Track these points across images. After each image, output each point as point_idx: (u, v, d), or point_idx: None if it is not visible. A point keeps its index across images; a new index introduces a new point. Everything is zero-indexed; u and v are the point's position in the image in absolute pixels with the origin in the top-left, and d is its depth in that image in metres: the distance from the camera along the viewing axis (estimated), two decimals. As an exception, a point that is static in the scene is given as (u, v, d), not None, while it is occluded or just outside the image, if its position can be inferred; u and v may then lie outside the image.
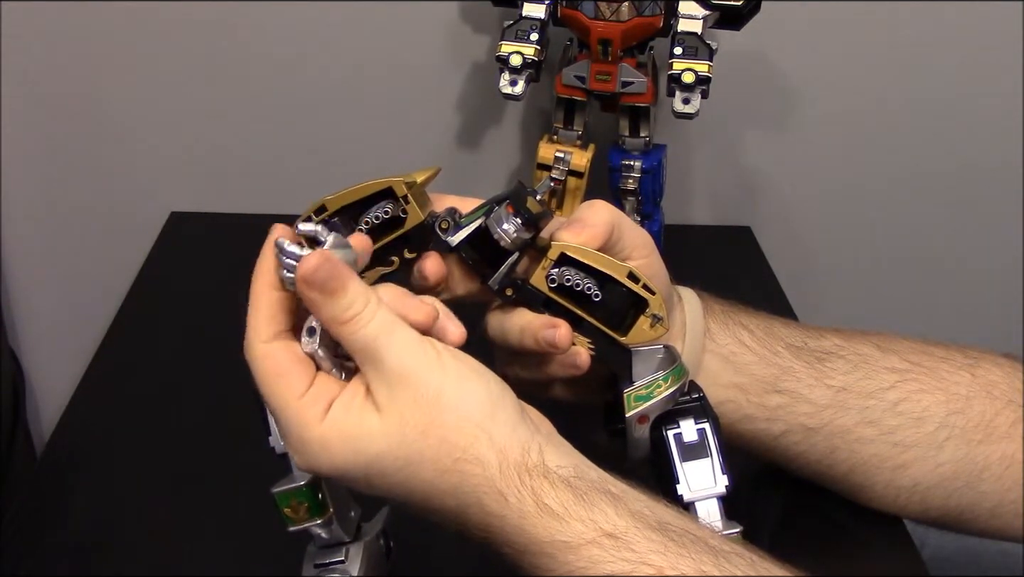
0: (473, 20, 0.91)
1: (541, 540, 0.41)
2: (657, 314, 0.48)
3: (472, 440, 0.42)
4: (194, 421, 0.72)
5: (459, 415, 0.42)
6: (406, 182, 0.47)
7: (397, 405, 0.41)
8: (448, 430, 0.41)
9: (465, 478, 0.41)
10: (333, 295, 0.41)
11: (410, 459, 0.41)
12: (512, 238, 0.47)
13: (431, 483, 0.42)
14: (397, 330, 0.42)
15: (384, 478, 0.42)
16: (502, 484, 0.41)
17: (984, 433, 0.58)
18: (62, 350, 1.02)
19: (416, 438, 0.41)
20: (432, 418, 0.41)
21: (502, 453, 0.42)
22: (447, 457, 0.41)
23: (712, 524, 0.48)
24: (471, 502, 0.42)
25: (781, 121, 0.97)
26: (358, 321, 0.41)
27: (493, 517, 0.42)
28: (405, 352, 0.42)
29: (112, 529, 0.63)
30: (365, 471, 0.42)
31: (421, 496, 0.42)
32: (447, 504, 0.42)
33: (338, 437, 0.42)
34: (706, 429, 0.49)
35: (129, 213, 0.98)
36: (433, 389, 0.42)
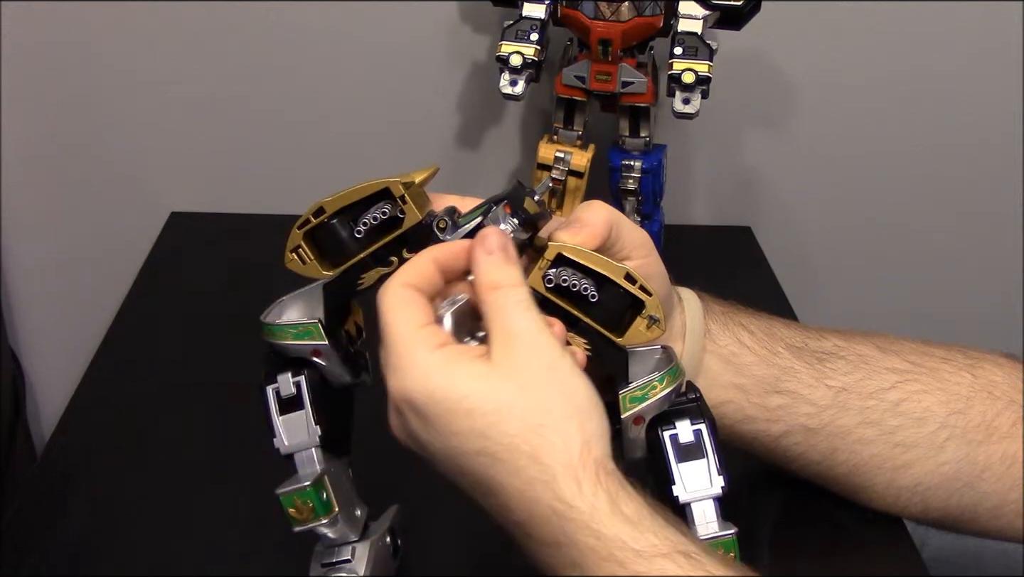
0: (473, 20, 0.91)
1: (610, 542, 0.40)
2: (654, 315, 0.48)
3: (566, 417, 0.42)
4: (195, 421, 0.72)
5: (563, 391, 0.43)
6: (404, 182, 0.47)
7: (509, 360, 0.42)
8: (548, 397, 0.42)
9: (546, 447, 0.41)
10: (508, 261, 0.45)
11: (501, 405, 0.41)
12: None
13: (510, 440, 0.41)
14: (533, 310, 0.44)
15: (468, 419, 0.41)
16: (580, 471, 0.41)
17: (985, 433, 0.58)
18: (62, 350, 1.02)
19: (516, 390, 0.42)
20: (538, 381, 0.42)
21: (587, 444, 0.42)
22: (537, 417, 0.41)
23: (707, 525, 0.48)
24: (544, 478, 0.41)
25: (781, 121, 0.97)
26: (511, 290, 0.44)
27: (560, 504, 0.41)
28: (535, 326, 0.44)
29: (112, 529, 0.63)
30: (455, 405, 0.41)
31: (489, 456, 0.41)
32: (516, 474, 0.41)
33: (444, 364, 0.42)
34: (702, 430, 0.48)
35: (129, 213, 0.98)
36: (548, 360, 0.43)
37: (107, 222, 0.99)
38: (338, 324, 0.50)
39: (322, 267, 0.49)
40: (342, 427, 0.52)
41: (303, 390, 0.49)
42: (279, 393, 0.49)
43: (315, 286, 0.49)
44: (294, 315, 0.49)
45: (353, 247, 0.48)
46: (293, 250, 0.49)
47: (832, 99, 0.96)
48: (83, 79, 0.93)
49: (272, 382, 0.49)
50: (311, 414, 0.49)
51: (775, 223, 1.02)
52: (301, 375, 0.49)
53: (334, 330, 0.49)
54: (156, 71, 0.93)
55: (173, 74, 0.93)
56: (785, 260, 0.98)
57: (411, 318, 0.43)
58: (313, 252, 0.49)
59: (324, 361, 0.49)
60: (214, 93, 0.94)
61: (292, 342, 0.48)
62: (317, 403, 0.49)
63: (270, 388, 0.49)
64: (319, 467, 0.49)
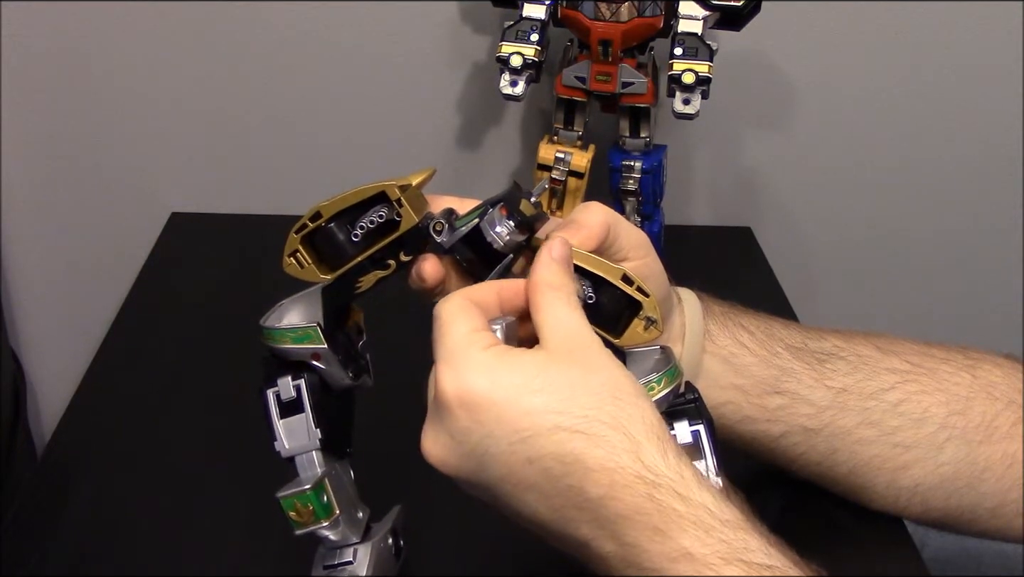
0: (473, 20, 0.91)
1: (697, 508, 0.40)
2: (651, 317, 0.48)
3: (636, 392, 0.43)
4: (195, 421, 0.72)
5: (626, 373, 0.43)
6: (400, 185, 0.47)
7: (568, 347, 0.43)
8: (616, 375, 0.43)
9: (625, 418, 0.41)
10: (568, 272, 0.46)
11: (572, 381, 0.42)
12: (505, 240, 0.47)
13: (588, 412, 0.41)
14: (584, 316, 0.45)
15: (541, 396, 0.41)
16: (663, 441, 0.42)
17: (985, 434, 0.58)
18: (62, 350, 1.02)
19: (581, 369, 0.42)
20: (601, 362, 0.43)
21: (662, 422, 0.43)
22: (612, 389, 0.42)
23: None
24: (628, 447, 0.41)
25: (781, 121, 0.97)
26: (565, 291, 0.45)
27: (646, 470, 0.41)
28: (586, 325, 0.45)
29: (112, 529, 0.63)
30: (522, 386, 0.41)
31: (567, 431, 0.41)
32: (599, 444, 0.41)
33: (500, 357, 0.42)
34: (700, 431, 0.48)
35: (129, 213, 0.98)
36: (604, 350, 0.44)
37: (107, 222, 0.99)
38: (338, 327, 0.50)
39: (320, 271, 0.49)
40: (343, 429, 0.52)
41: (303, 393, 0.49)
42: (279, 396, 0.49)
43: (314, 289, 0.49)
44: (294, 319, 0.49)
45: (350, 250, 0.48)
46: (291, 254, 0.49)
47: (832, 99, 0.96)
48: (83, 79, 0.93)
49: (272, 385, 0.49)
50: (311, 417, 0.49)
51: (775, 223, 1.02)
52: (301, 378, 0.49)
53: (333, 333, 0.49)
54: (156, 71, 0.93)
55: (173, 74, 0.93)
56: (785, 260, 0.98)
57: (467, 323, 0.44)
58: (311, 256, 0.49)
59: (323, 364, 0.49)
60: (214, 93, 0.94)
61: (291, 346, 0.48)
62: (317, 406, 0.49)
63: (270, 391, 0.49)
64: (320, 470, 0.49)
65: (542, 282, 0.45)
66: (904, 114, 0.97)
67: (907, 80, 0.95)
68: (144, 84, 0.93)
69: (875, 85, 0.95)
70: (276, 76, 0.94)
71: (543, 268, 0.46)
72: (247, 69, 0.93)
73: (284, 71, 0.93)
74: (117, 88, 0.93)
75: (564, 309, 0.44)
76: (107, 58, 0.92)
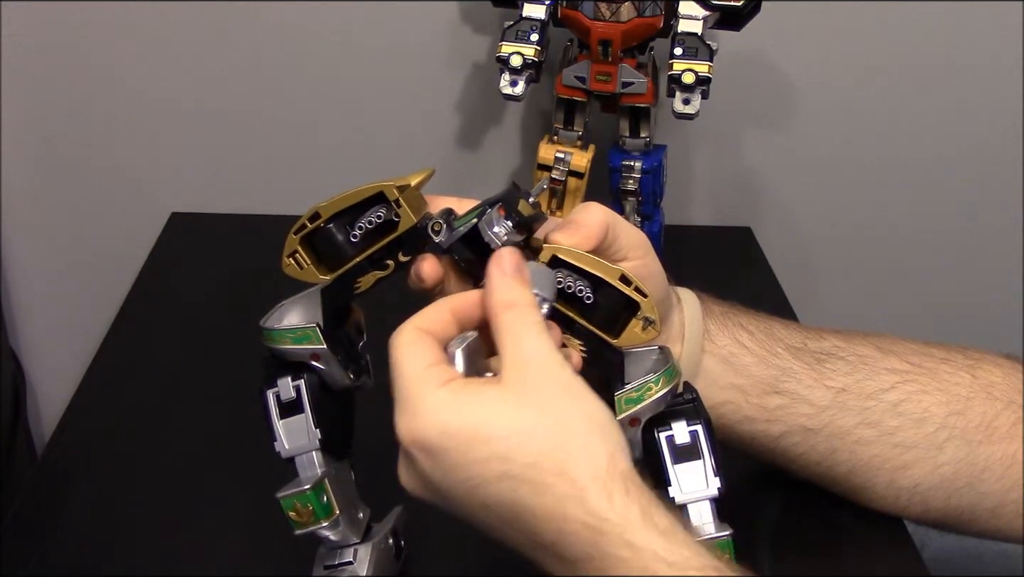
0: (473, 20, 0.91)
1: (643, 553, 0.40)
2: (649, 317, 0.48)
3: (587, 431, 0.41)
4: (195, 421, 0.72)
5: (580, 408, 0.42)
6: (398, 185, 0.47)
7: (523, 381, 0.42)
8: (566, 413, 0.42)
9: (572, 463, 0.40)
10: (522, 282, 0.45)
11: (521, 427, 0.41)
12: (503, 241, 0.47)
13: (534, 460, 0.40)
14: (546, 332, 0.44)
15: (487, 445, 0.41)
16: (609, 483, 0.40)
17: (985, 434, 0.58)
18: (62, 350, 1.02)
19: (533, 410, 0.41)
20: (554, 399, 0.42)
21: (612, 458, 0.41)
22: (559, 435, 0.41)
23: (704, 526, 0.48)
24: (574, 493, 0.40)
25: (781, 121, 0.97)
26: (524, 310, 0.44)
27: (592, 517, 0.40)
28: (547, 345, 0.43)
29: (112, 529, 0.63)
30: (471, 434, 0.41)
31: (514, 479, 0.40)
32: (544, 493, 0.40)
33: (453, 397, 0.42)
34: (698, 431, 0.48)
35: (129, 213, 0.98)
36: (562, 380, 0.43)
37: (107, 222, 0.99)
38: (337, 327, 0.50)
39: (319, 271, 0.49)
40: (343, 430, 0.52)
41: (303, 394, 0.49)
42: (279, 397, 0.49)
43: (314, 290, 0.49)
44: (293, 319, 0.49)
45: (349, 251, 0.48)
46: (290, 255, 0.49)
47: (832, 99, 0.96)
48: (83, 79, 0.93)
49: (272, 386, 0.49)
50: (311, 418, 0.49)
51: (775, 223, 1.02)
52: (301, 379, 0.49)
53: (333, 333, 0.49)
54: (156, 71, 0.93)
55: (173, 74, 0.93)
56: (785, 260, 0.98)
57: (420, 358, 0.43)
58: (310, 257, 0.49)
59: (323, 365, 0.49)
60: (214, 94, 0.94)
61: (291, 346, 0.49)
62: (317, 406, 0.49)
63: (270, 392, 0.49)
64: (319, 470, 0.49)
65: (498, 303, 0.44)
66: (904, 114, 0.97)
67: (907, 80, 0.95)
68: (144, 84, 0.93)
69: (875, 85, 0.95)
70: (276, 76, 0.94)
71: (496, 287, 0.45)
72: (247, 69, 0.93)
73: (284, 71, 0.93)
74: (117, 88, 0.93)
75: (523, 329, 0.44)
76: (107, 58, 0.92)
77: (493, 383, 0.43)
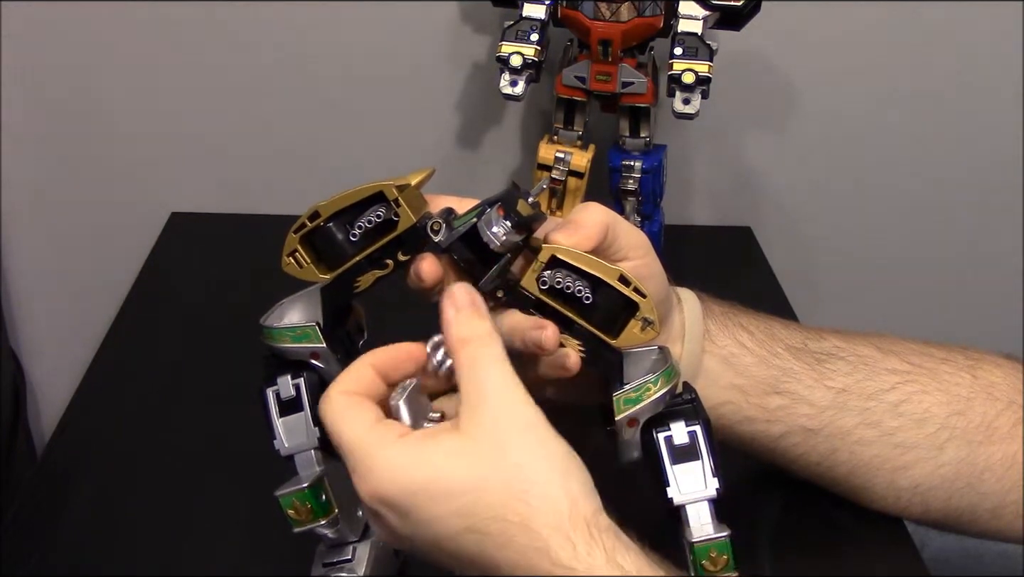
0: (473, 20, 0.91)
1: None
2: (648, 317, 0.48)
3: (547, 479, 0.41)
4: (195, 421, 0.72)
5: (541, 452, 0.41)
6: (398, 185, 0.47)
7: (481, 425, 0.41)
8: (526, 459, 0.41)
9: (533, 514, 0.40)
10: (477, 315, 0.45)
11: (479, 481, 0.40)
12: (502, 240, 0.47)
13: (495, 512, 0.40)
14: (506, 365, 0.43)
15: (447, 500, 0.40)
16: (572, 532, 0.40)
17: (985, 434, 0.58)
18: (62, 350, 1.02)
19: (491, 458, 0.41)
20: (512, 444, 0.41)
21: (575, 503, 0.41)
22: (519, 484, 0.40)
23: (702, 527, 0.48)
24: (537, 545, 0.40)
25: (781, 121, 0.97)
26: (480, 345, 0.44)
27: (557, 568, 0.40)
28: (507, 381, 0.43)
29: (112, 529, 0.63)
30: (431, 490, 0.41)
31: (478, 533, 0.40)
32: (508, 546, 0.40)
33: (408, 454, 0.41)
34: (697, 431, 0.48)
35: (129, 213, 0.98)
36: (522, 420, 0.42)
37: (107, 222, 0.99)
38: (337, 326, 0.50)
39: (319, 271, 0.49)
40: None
41: (302, 392, 0.49)
42: (279, 395, 0.49)
43: (313, 289, 0.49)
44: (293, 318, 0.49)
45: (349, 250, 0.48)
46: (290, 254, 0.49)
47: (832, 99, 0.96)
48: (83, 79, 0.93)
49: (272, 384, 0.49)
50: (310, 416, 0.49)
51: (775, 223, 1.02)
52: (300, 377, 0.49)
53: (333, 332, 0.49)
54: (156, 71, 0.93)
55: (173, 74, 0.93)
56: (785, 260, 0.98)
57: (358, 420, 0.43)
58: (310, 256, 0.49)
59: (322, 363, 0.49)
60: (214, 94, 0.94)
61: (290, 345, 0.49)
62: (316, 405, 0.49)
63: (270, 390, 0.49)
64: (318, 468, 0.49)
65: (454, 339, 0.44)
66: (904, 114, 0.97)
67: (907, 80, 0.95)
68: (144, 84, 0.93)
69: (875, 85, 0.95)
70: (276, 76, 0.94)
71: (450, 322, 0.44)
72: (247, 69, 0.93)
73: (284, 71, 0.93)
74: (117, 88, 0.93)
75: (482, 365, 0.43)
76: (107, 58, 0.92)
77: (448, 431, 0.42)
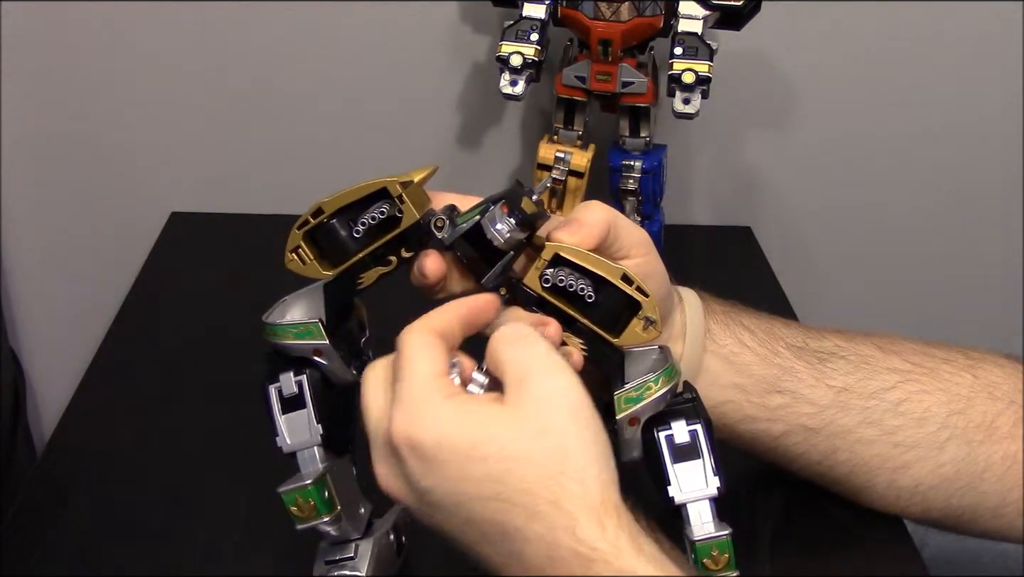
0: (473, 20, 0.91)
1: None
2: (650, 317, 0.48)
3: (585, 463, 0.41)
4: (195, 421, 0.72)
5: (583, 436, 0.42)
6: (402, 182, 0.47)
7: (528, 402, 0.42)
8: (569, 442, 0.41)
9: (567, 495, 0.40)
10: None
11: (518, 452, 0.41)
12: (505, 238, 0.47)
13: (528, 487, 0.40)
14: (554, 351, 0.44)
15: (482, 464, 0.41)
16: (603, 515, 0.40)
17: (986, 433, 0.58)
18: (62, 350, 1.02)
19: (532, 435, 0.41)
20: (557, 426, 0.41)
21: (606, 488, 0.41)
22: (557, 464, 0.41)
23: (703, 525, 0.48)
24: (565, 523, 0.40)
25: (781, 121, 0.97)
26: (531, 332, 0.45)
27: (583, 546, 0.40)
28: (557, 367, 0.43)
29: (112, 529, 0.63)
30: (468, 451, 0.41)
31: (505, 502, 0.41)
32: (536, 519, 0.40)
33: (456, 411, 0.42)
34: (698, 430, 0.48)
35: (129, 213, 0.98)
36: (570, 403, 0.42)
37: (107, 222, 0.99)
38: (340, 323, 0.50)
39: (322, 267, 0.49)
40: (344, 425, 0.52)
41: (305, 389, 0.49)
42: (281, 392, 0.49)
43: (316, 286, 0.49)
44: (296, 315, 0.49)
45: (352, 247, 0.48)
46: (293, 250, 0.49)
47: (832, 99, 0.96)
48: (83, 79, 0.93)
49: (274, 381, 0.49)
50: (313, 413, 0.49)
51: (775, 223, 1.02)
52: (303, 374, 0.49)
53: (336, 329, 0.49)
54: (156, 71, 0.93)
55: (173, 74, 0.93)
56: (785, 260, 0.98)
57: (432, 364, 0.43)
58: (313, 252, 0.49)
59: (325, 360, 0.49)
60: (214, 93, 0.94)
61: (293, 342, 0.49)
62: (319, 402, 0.49)
63: (272, 387, 0.49)
64: (321, 465, 0.49)
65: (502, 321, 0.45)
66: (904, 114, 0.97)
67: (907, 80, 0.95)
68: (144, 84, 0.93)
69: (875, 85, 0.95)
70: (276, 76, 0.94)
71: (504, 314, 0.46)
72: (247, 69, 0.93)
73: (284, 71, 0.93)
74: (117, 88, 0.93)
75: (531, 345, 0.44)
76: (107, 58, 0.92)
77: (497, 402, 0.43)
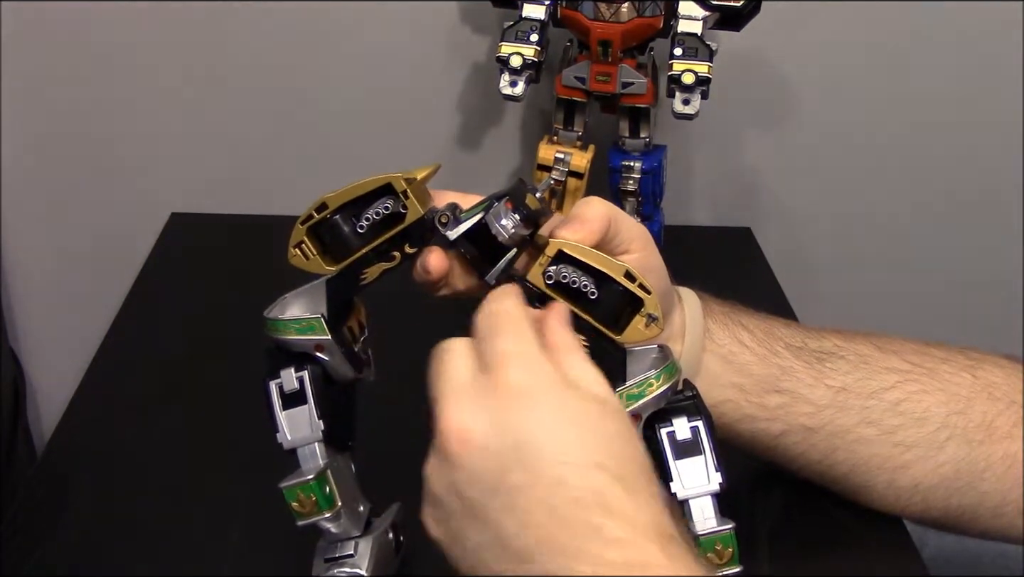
0: (473, 20, 0.91)
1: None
2: (652, 314, 0.48)
3: (649, 480, 0.41)
4: (195, 421, 0.72)
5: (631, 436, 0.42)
6: (406, 178, 0.47)
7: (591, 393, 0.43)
8: (629, 427, 0.43)
9: (647, 464, 0.41)
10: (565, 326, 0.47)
11: (598, 432, 0.41)
12: (510, 234, 0.47)
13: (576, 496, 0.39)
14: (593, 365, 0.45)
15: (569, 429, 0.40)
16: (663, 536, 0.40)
17: (985, 433, 0.58)
18: (62, 350, 1.02)
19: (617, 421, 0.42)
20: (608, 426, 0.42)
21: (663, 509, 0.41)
22: (633, 443, 0.42)
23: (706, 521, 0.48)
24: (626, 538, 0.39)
25: (781, 121, 0.97)
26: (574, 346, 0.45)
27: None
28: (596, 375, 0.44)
29: (112, 529, 0.63)
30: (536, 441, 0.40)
31: (586, 473, 0.39)
32: (616, 497, 0.39)
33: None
34: (699, 427, 0.48)
35: (129, 213, 0.98)
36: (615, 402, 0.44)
37: (107, 222, 0.99)
38: (341, 320, 0.50)
39: (325, 263, 0.49)
40: (345, 422, 0.52)
41: (306, 385, 0.49)
42: (282, 388, 0.49)
43: (318, 282, 0.49)
44: (297, 310, 0.49)
45: (355, 242, 0.48)
46: (296, 245, 0.49)
47: (832, 99, 0.96)
48: (83, 79, 0.93)
49: (275, 377, 0.49)
50: (314, 409, 0.49)
51: (775, 223, 1.02)
52: (304, 370, 0.49)
53: (337, 325, 0.49)
54: (156, 71, 0.93)
55: (173, 74, 0.93)
56: (785, 260, 0.98)
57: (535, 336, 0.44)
58: (316, 248, 0.49)
59: (327, 356, 0.49)
60: (214, 94, 0.94)
61: (295, 337, 0.49)
62: (320, 398, 0.49)
63: (273, 383, 0.49)
64: (322, 461, 0.49)
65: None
66: (904, 114, 0.97)
67: (907, 80, 0.95)
68: (144, 84, 0.93)
69: (875, 85, 0.95)
70: (276, 76, 0.94)
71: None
72: (247, 69, 0.93)
73: (284, 71, 0.93)
74: (117, 88, 0.94)
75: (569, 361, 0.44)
76: (107, 58, 0.92)
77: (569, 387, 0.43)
